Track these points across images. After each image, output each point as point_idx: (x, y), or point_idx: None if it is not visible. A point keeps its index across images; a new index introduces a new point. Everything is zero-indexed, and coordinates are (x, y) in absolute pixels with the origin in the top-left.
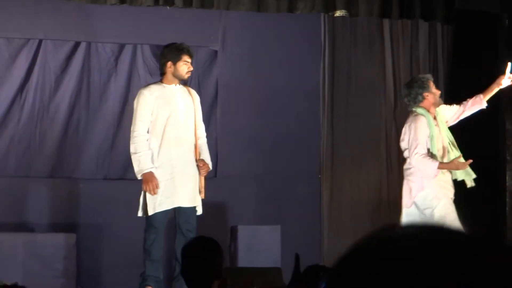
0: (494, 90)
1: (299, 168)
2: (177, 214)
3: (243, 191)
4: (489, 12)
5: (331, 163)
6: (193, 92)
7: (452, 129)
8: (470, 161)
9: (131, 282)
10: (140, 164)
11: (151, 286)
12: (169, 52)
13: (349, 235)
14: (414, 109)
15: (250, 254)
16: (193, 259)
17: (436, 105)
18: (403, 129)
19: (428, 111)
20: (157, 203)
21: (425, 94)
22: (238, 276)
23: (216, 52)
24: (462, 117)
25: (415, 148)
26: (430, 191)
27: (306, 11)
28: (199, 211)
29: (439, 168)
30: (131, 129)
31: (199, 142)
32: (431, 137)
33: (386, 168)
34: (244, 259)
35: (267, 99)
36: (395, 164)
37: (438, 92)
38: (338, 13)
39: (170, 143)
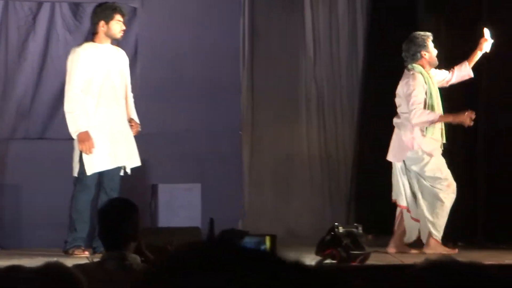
0: (477, 55)
1: (220, 125)
2: (101, 174)
3: (164, 149)
4: None
5: (251, 120)
6: (122, 51)
7: (374, 87)
8: (471, 113)
9: (53, 241)
10: (76, 124)
11: (82, 246)
12: (101, 11)
13: (270, 192)
14: (410, 66)
15: (171, 212)
16: (109, 221)
17: (432, 64)
18: (399, 86)
19: (424, 68)
20: (95, 162)
21: (423, 52)
22: (157, 236)
23: (135, 9)
24: (448, 84)
25: (413, 104)
26: (420, 149)
27: None
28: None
29: (439, 120)
30: (66, 88)
31: (129, 101)
32: (429, 94)
33: (305, 123)
34: (165, 218)
35: (187, 57)
36: (314, 120)
37: (435, 52)
38: None
39: (106, 102)
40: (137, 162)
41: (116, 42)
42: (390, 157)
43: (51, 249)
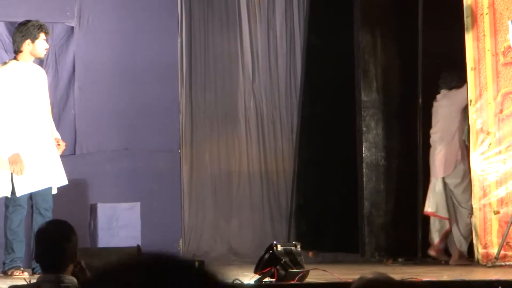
0: None
1: (159, 144)
2: (33, 194)
3: (103, 168)
4: None
5: (190, 137)
6: (42, 70)
7: (312, 101)
8: None
9: None
10: (5, 146)
11: (21, 267)
12: (26, 30)
13: (210, 209)
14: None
15: (110, 232)
16: (46, 243)
17: None
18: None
19: None
20: (25, 183)
21: None
22: (96, 257)
23: (72, 28)
24: None
25: None
26: None
27: None
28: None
29: None
30: None
31: (51, 120)
32: None
33: (245, 140)
34: (104, 237)
35: (125, 75)
36: (254, 136)
37: None
38: None
39: (30, 123)
40: (64, 181)
41: (55, 60)
42: None
43: None
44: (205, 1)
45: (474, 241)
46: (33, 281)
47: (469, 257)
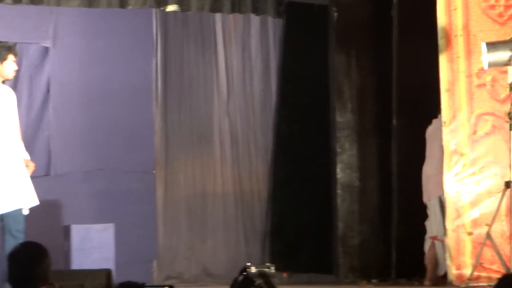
0: None
1: (133, 164)
2: (5, 216)
3: (77, 189)
4: (319, 5)
5: (165, 158)
6: (11, 90)
7: (287, 122)
8: None
9: None
10: None
11: None
12: None
13: (184, 230)
14: None
15: (84, 253)
16: (19, 265)
17: None
18: None
19: None
20: None
21: None
22: (68, 279)
23: (47, 48)
24: None
25: None
26: None
27: (137, 7)
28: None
29: None
30: None
31: (20, 142)
32: None
33: (220, 160)
34: (78, 259)
35: (100, 95)
36: (228, 157)
37: None
38: (169, 8)
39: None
40: (34, 202)
41: (29, 81)
42: None
43: None
44: (181, 22)
45: (448, 262)
46: None
47: (442, 278)
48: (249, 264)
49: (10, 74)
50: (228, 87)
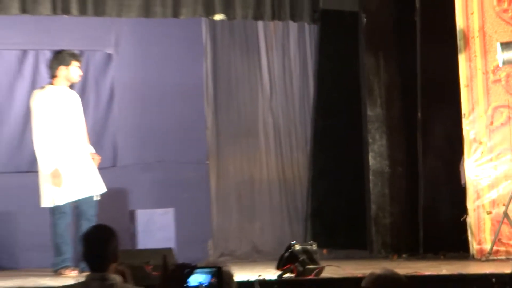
0: None
1: (188, 156)
2: (80, 203)
3: (140, 178)
4: (349, 11)
5: (216, 150)
6: (76, 93)
7: (323, 117)
8: None
9: (44, 261)
10: (46, 162)
11: (70, 266)
12: (62, 57)
13: (235, 213)
14: None
15: (148, 235)
16: (92, 245)
17: None
18: None
19: None
20: (66, 193)
21: None
22: (135, 258)
23: (110, 55)
24: None
25: None
26: None
27: (188, 16)
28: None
29: None
30: (33, 129)
31: (85, 137)
32: None
33: (264, 152)
34: (143, 240)
35: (157, 96)
36: (272, 148)
37: None
38: (217, 17)
39: (67, 140)
40: (102, 189)
41: (96, 84)
42: None
43: (44, 269)
44: (227, 29)
45: (470, 238)
46: (81, 279)
47: (464, 253)
48: (293, 242)
49: (75, 78)
50: (270, 86)
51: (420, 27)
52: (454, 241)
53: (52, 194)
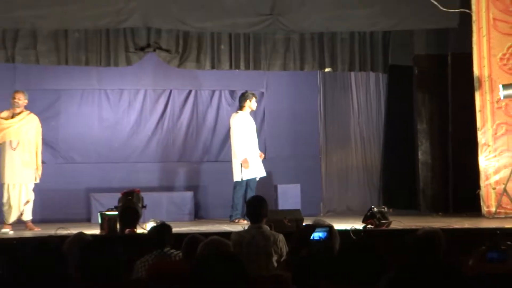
0: None
1: (308, 152)
2: (248, 181)
3: (280, 165)
4: (407, 66)
5: (325, 148)
6: (251, 117)
7: (391, 130)
8: None
9: (224, 214)
10: (242, 154)
11: (241, 218)
12: (247, 95)
13: (336, 188)
14: None
15: (285, 200)
16: (252, 207)
17: None
18: None
19: None
20: (248, 174)
21: None
22: (277, 215)
23: (263, 92)
24: None
25: None
26: None
27: (309, 69)
28: (264, 174)
29: None
30: (237, 140)
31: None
32: None
33: (354, 150)
34: (281, 204)
35: (292, 117)
36: (359, 149)
37: None
38: (326, 70)
39: (251, 145)
40: (264, 173)
41: (253, 112)
42: None
43: (223, 219)
44: (332, 77)
45: (481, 204)
46: (246, 228)
47: (478, 213)
48: (372, 206)
49: (254, 107)
50: (358, 111)
51: (451, 75)
52: (472, 206)
53: (242, 173)
